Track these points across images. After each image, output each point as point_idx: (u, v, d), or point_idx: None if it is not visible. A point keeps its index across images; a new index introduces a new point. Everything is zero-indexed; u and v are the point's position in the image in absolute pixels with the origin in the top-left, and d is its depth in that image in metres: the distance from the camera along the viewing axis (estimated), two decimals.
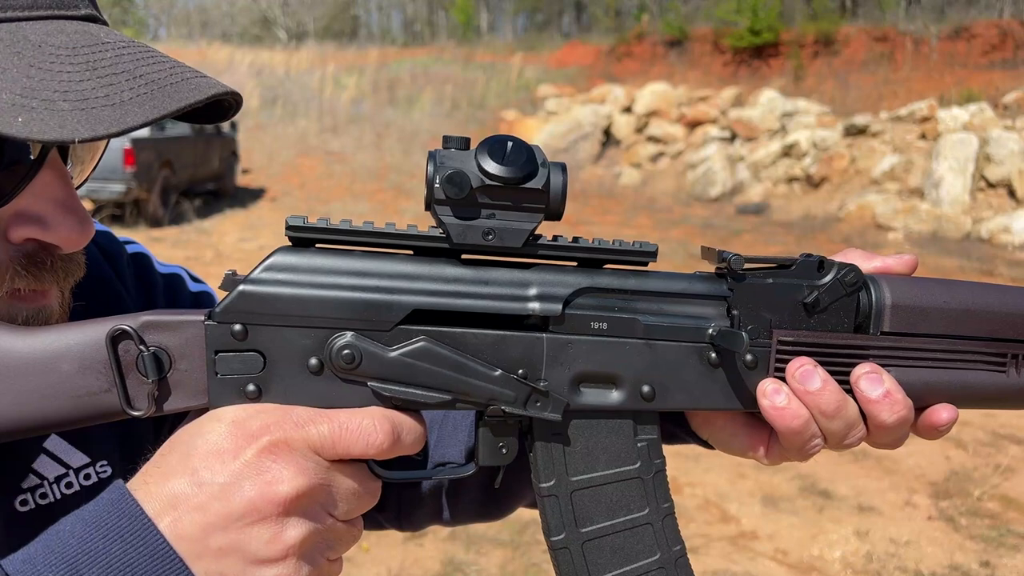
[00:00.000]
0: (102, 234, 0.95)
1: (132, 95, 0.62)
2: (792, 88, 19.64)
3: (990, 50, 18.63)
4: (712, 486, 4.68)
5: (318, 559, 0.67)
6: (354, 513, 0.70)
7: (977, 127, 14.21)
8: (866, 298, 0.77)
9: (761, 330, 0.76)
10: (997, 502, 4.66)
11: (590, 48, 25.01)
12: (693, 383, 0.76)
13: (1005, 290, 0.81)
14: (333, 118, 22.93)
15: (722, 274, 0.77)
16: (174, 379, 0.67)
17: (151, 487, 0.63)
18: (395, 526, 1.08)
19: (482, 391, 0.71)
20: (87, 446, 0.83)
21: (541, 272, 0.73)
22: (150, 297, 0.95)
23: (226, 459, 0.63)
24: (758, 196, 15.60)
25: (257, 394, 0.68)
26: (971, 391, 0.80)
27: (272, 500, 0.62)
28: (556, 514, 0.76)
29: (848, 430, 0.76)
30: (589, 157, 19.01)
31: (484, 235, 0.70)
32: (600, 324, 0.73)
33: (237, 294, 0.68)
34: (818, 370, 0.75)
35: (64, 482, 0.81)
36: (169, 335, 0.67)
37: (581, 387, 0.74)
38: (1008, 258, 11.64)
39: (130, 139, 11.65)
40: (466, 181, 0.68)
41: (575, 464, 0.76)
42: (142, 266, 0.98)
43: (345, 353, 0.68)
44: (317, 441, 0.66)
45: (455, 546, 3.99)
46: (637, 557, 0.77)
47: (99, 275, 0.90)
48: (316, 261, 0.69)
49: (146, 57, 0.66)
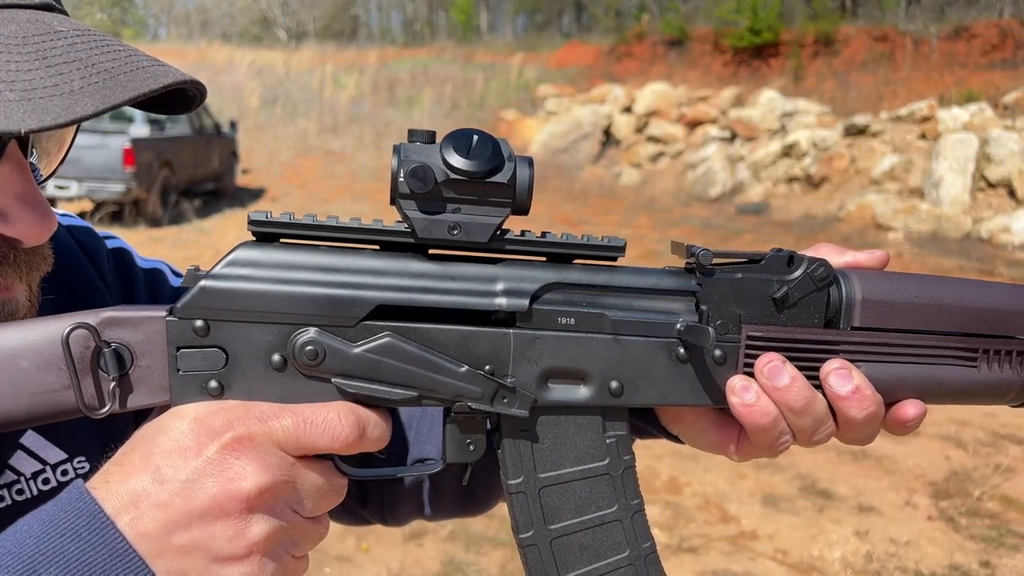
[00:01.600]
0: (81, 229, 0.94)
1: (83, 84, 0.61)
2: (792, 88, 19.63)
3: (990, 50, 18.62)
4: (712, 486, 4.68)
5: (283, 556, 0.66)
6: (319, 510, 0.69)
7: (977, 127, 14.20)
8: (836, 293, 0.77)
9: (730, 325, 0.75)
10: (997, 502, 4.66)
11: (590, 48, 25.01)
12: (662, 379, 0.75)
13: (977, 285, 0.80)
14: (333, 118, 22.92)
15: (691, 269, 0.76)
16: (136, 376, 0.67)
17: (112, 485, 0.62)
18: (379, 520, 1.08)
19: (448, 387, 0.71)
20: (64, 442, 0.82)
21: (508, 267, 0.73)
22: (131, 291, 0.95)
23: (188, 456, 0.62)
24: (758, 196, 15.60)
25: (219, 391, 0.67)
26: (942, 386, 0.79)
27: (235, 496, 0.62)
28: (524, 511, 0.75)
29: (817, 426, 0.76)
30: (589, 157, 19.01)
31: (450, 230, 0.69)
32: (568, 319, 0.73)
33: (198, 290, 0.67)
34: (787, 366, 0.74)
35: (41, 478, 0.80)
36: (130, 331, 0.67)
37: (549, 383, 0.74)
38: (1008, 258, 11.64)
39: (130, 139, 11.65)
40: (431, 175, 0.67)
41: (543, 461, 0.75)
42: (123, 261, 0.97)
43: (308, 349, 0.68)
44: (281, 436, 0.65)
45: (455, 546, 3.99)
46: (606, 554, 0.76)
47: (76, 270, 0.89)
48: (279, 256, 0.69)
49: (101, 46, 0.65)
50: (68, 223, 0.93)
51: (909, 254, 11.75)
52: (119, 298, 0.93)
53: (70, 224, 0.94)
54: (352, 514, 1.07)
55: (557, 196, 16.30)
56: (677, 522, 4.28)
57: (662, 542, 4.10)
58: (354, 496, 1.05)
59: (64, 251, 0.88)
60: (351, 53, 28.77)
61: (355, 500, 1.06)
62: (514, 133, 20.58)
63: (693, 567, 3.92)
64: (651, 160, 18.12)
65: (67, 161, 0.80)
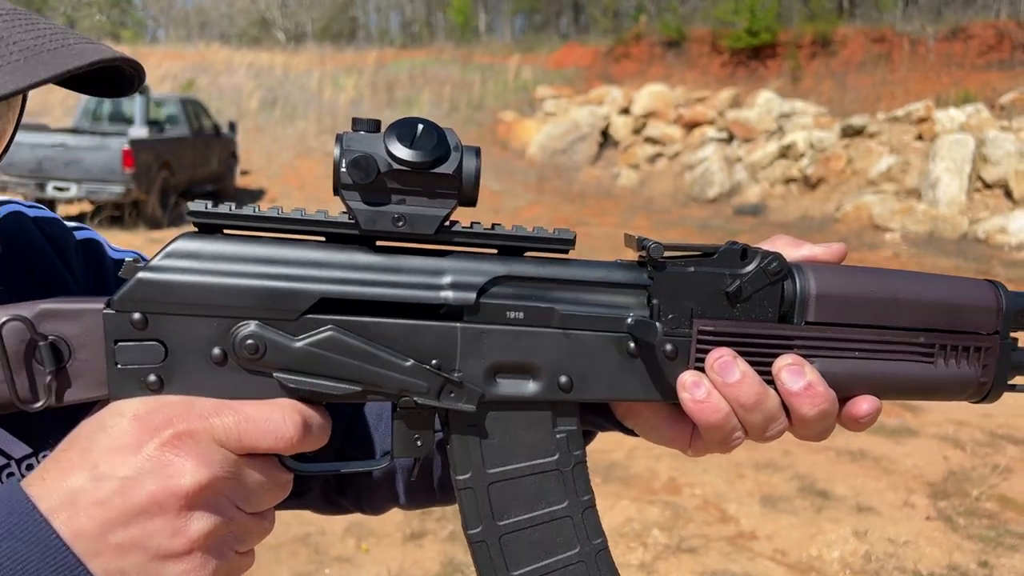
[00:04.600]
0: (47, 220, 0.93)
1: (2, 62, 0.59)
2: (789, 89, 19.65)
3: (987, 51, 18.65)
4: (710, 486, 4.69)
5: (226, 553, 0.65)
6: (264, 505, 0.68)
7: (974, 128, 14.23)
8: (791, 287, 0.75)
9: (682, 319, 0.74)
10: (995, 502, 4.67)
11: (588, 49, 25.01)
12: (612, 374, 0.74)
13: (935, 279, 0.79)
14: (332, 119, 22.90)
15: (643, 262, 0.75)
16: (73, 369, 0.66)
17: (48, 483, 0.61)
18: (358, 509, 1.07)
19: (393, 382, 0.69)
20: (30, 436, 0.80)
21: (457, 260, 0.71)
22: (102, 282, 0.94)
23: (127, 453, 0.61)
24: (755, 197, 15.62)
25: (159, 385, 0.66)
26: (898, 382, 0.78)
27: (174, 493, 0.61)
28: (473, 507, 0.74)
29: (768, 423, 0.74)
30: (587, 158, 19.02)
31: (394, 221, 0.67)
32: (516, 313, 0.71)
33: (135, 281, 0.66)
34: (737, 361, 0.73)
35: (6, 473, 0.79)
36: (67, 324, 0.65)
37: (497, 377, 0.72)
38: (1004, 258, 11.66)
39: (129, 140, 11.65)
40: (373, 165, 0.65)
41: (491, 456, 0.74)
42: (92, 251, 0.96)
43: (248, 343, 0.66)
44: (222, 433, 0.64)
45: (454, 547, 4.00)
46: (556, 551, 0.75)
47: (41, 260, 0.88)
48: (220, 248, 0.67)
49: (26, 24, 0.63)
50: (35, 215, 0.92)
51: (906, 255, 11.77)
52: (88, 289, 0.91)
53: (36, 216, 0.92)
54: (332, 504, 1.07)
55: (555, 197, 16.30)
56: (676, 522, 4.29)
57: (661, 542, 4.11)
58: (332, 486, 1.04)
59: (30, 243, 0.87)
60: (350, 54, 28.76)
61: (334, 490, 1.05)
62: (512, 134, 20.59)
63: (692, 567, 3.93)
64: (649, 161, 18.13)
65: (67, 163, 0.79)
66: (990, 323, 0.79)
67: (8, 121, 0.75)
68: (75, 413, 0.67)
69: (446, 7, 37.45)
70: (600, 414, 0.86)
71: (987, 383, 0.80)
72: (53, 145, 11.34)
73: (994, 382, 0.80)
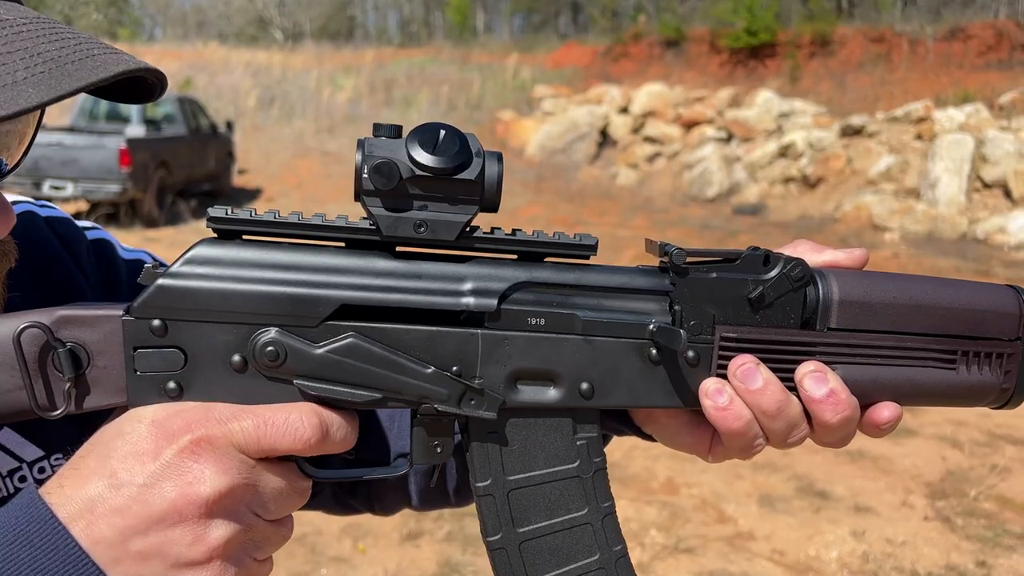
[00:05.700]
0: (59, 220, 0.93)
1: (27, 75, 0.58)
2: (788, 89, 19.65)
3: (986, 51, 18.66)
4: (709, 486, 4.68)
5: (245, 560, 0.65)
6: (282, 512, 0.68)
7: (973, 128, 14.23)
8: (813, 293, 0.75)
9: (704, 326, 0.73)
10: (993, 502, 4.66)
11: (587, 49, 25.01)
12: (633, 380, 0.73)
13: (957, 285, 0.79)
14: (330, 118, 22.91)
15: (665, 268, 0.74)
16: (92, 376, 0.65)
17: (66, 490, 0.60)
18: (368, 510, 1.07)
19: (414, 389, 0.69)
20: (41, 439, 0.80)
21: (477, 266, 0.71)
22: (113, 283, 0.94)
23: (146, 460, 0.61)
24: (755, 196, 15.62)
25: (178, 392, 0.66)
26: (920, 389, 0.77)
27: (193, 501, 0.60)
28: (492, 514, 0.74)
29: (790, 430, 0.74)
30: (586, 158, 19.01)
31: (416, 227, 0.67)
32: (537, 320, 0.71)
33: (155, 288, 0.65)
34: (760, 368, 0.73)
35: (18, 476, 0.79)
36: (86, 331, 0.65)
37: (518, 384, 0.72)
38: (1004, 258, 11.66)
39: (126, 139, 11.63)
40: (395, 171, 0.65)
41: (512, 463, 0.74)
42: (104, 252, 0.96)
43: (269, 350, 0.66)
44: (240, 438, 0.64)
45: (452, 547, 3.98)
46: (576, 557, 0.75)
47: (53, 262, 0.88)
48: (239, 254, 0.67)
49: (49, 34, 0.63)
50: (47, 215, 0.92)
51: (905, 255, 11.77)
52: (100, 290, 0.91)
53: (48, 216, 0.92)
54: (343, 505, 1.07)
55: (554, 197, 16.30)
56: (674, 522, 4.28)
57: (659, 543, 4.10)
58: (344, 487, 1.05)
59: (41, 243, 0.87)
60: (348, 54, 28.76)
61: (345, 491, 1.05)
62: (511, 134, 20.59)
63: (690, 567, 3.92)
64: (648, 161, 18.13)
65: (63, 161, 0.78)
66: (1012, 329, 0.78)
67: (28, 125, 0.75)
68: (86, 417, 0.67)
69: (444, 6, 37.45)
70: (619, 419, 0.86)
71: (1009, 389, 0.80)
72: (50, 144, 11.31)
73: (1016, 388, 0.80)
